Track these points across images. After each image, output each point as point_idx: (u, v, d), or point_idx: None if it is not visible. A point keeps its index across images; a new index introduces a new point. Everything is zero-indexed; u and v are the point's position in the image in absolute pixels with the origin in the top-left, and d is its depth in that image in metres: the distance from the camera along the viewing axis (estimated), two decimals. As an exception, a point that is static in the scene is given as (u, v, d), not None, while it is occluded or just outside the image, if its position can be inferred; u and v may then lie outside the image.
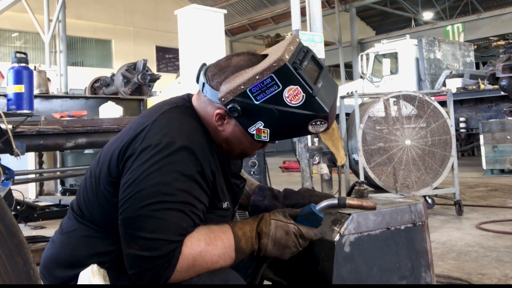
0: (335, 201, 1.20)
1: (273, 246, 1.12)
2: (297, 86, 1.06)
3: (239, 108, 1.10)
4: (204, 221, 1.11)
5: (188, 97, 1.26)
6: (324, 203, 1.20)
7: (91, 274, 1.09)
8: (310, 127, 1.10)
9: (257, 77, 1.07)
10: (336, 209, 1.26)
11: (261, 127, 1.11)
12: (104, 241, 1.16)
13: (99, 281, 1.08)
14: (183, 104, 1.22)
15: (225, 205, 1.21)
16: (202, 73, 1.20)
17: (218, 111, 1.15)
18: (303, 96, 1.07)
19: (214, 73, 1.17)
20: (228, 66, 1.16)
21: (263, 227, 1.12)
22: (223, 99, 1.11)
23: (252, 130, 1.12)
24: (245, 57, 1.17)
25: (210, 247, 1.07)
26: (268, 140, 1.14)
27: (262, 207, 1.41)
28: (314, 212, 1.17)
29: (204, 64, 1.23)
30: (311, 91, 1.07)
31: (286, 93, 1.07)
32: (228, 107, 1.11)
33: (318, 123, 1.09)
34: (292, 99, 1.07)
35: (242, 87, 1.09)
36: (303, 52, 1.13)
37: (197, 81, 1.21)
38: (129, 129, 1.17)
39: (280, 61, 1.06)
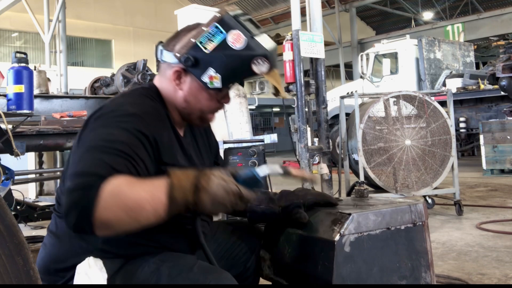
0: (280, 170, 1.24)
1: (211, 203, 1.07)
2: (238, 31, 1.22)
3: (192, 58, 1.23)
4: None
5: (149, 85, 1.37)
6: (266, 167, 1.23)
7: (88, 266, 1.10)
8: (253, 66, 1.22)
9: (203, 28, 1.23)
10: (284, 177, 1.29)
11: (213, 74, 1.24)
12: None
13: (95, 272, 1.09)
14: (143, 87, 1.34)
15: None
16: (159, 46, 1.34)
17: (175, 69, 1.28)
18: (244, 39, 1.21)
19: (168, 40, 1.33)
20: (180, 31, 1.33)
21: (203, 182, 1.07)
22: (177, 54, 1.26)
23: (205, 78, 1.25)
24: (194, 24, 1.32)
25: (137, 186, 1.03)
26: (220, 86, 1.25)
27: (258, 211, 1.42)
28: (254, 175, 1.19)
29: (159, 42, 1.36)
30: (250, 33, 1.22)
31: (229, 39, 1.22)
32: (183, 59, 1.25)
33: (260, 61, 1.22)
34: (235, 42, 1.21)
35: (192, 40, 1.24)
36: (242, 12, 1.29)
37: (156, 56, 1.34)
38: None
39: (221, 12, 1.24)
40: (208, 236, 1.44)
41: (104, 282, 1.09)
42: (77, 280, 1.11)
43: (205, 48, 1.23)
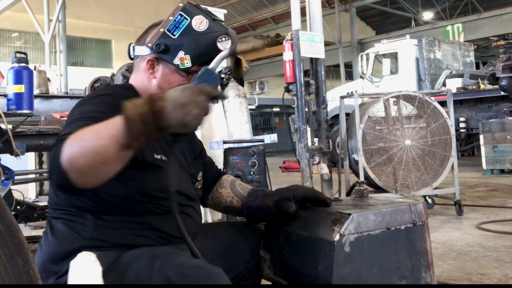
0: (226, 52, 1.29)
1: (173, 107, 0.98)
2: (201, 15, 1.34)
3: (163, 45, 1.33)
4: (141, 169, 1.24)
5: (125, 83, 1.48)
6: (216, 57, 1.28)
7: (81, 261, 1.10)
8: (218, 44, 1.32)
9: (170, 18, 1.34)
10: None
11: (183, 55, 1.33)
12: (75, 218, 1.26)
13: (89, 267, 1.09)
14: (119, 85, 1.48)
15: (158, 156, 1.31)
16: (130, 45, 1.43)
17: (147, 58, 1.37)
18: (206, 21, 1.34)
19: (139, 37, 1.44)
20: (148, 28, 1.44)
21: (156, 95, 1.02)
22: (149, 44, 1.35)
23: (176, 61, 1.33)
24: (160, 20, 1.41)
25: (93, 125, 1.03)
26: (190, 65, 1.33)
27: (253, 207, 1.46)
28: (208, 69, 1.22)
29: (130, 43, 1.46)
30: (212, 17, 1.35)
31: (194, 23, 1.34)
32: (154, 47, 1.34)
33: (224, 39, 1.32)
34: (199, 25, 1.34)
35: (161, 29, 1.34)
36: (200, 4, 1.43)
37: (129, 55, 1.42)
38: None
39: (183, 2, 1.36)
40: (202, 233, 1.45)
41: (99, 275, 1.08)
42: (71, 276, 1.11)
43: (173, 35, 1.33)
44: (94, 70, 15.05)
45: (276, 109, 23.90)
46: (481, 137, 7.51)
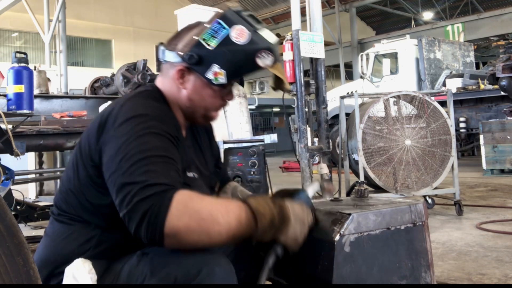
0: (318, 187, 1.29)
1: (295, 221, 1.07)
2: (241, 26, 1.21)
3: (196, 56, 1.22)
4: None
5: (152, 86, 1.34)
6: (311, 188, 1.27)
7: (76, 268, 1.09)
8: (258, 60, 1.21)
9: (206, 25, 1.23)
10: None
11: (217, 70, 1.22)
12: (83, 229, 1.20)
13: (83, 274, 1.08)
14: (146, 89, 1.31)
15: (190, 174, 1.26)
16: (160, 47, 1.32)
17: (178, 68, 1.26)
18: (248, 33, 1.21)
19: (170, 40, 1.32)
20: (181, 30, 1.31)
21: (278, 200, 1.08)
22: (180, 52, 1.24)
23: (210, 75, 1.23)
24: (196, 22, 1.31)
25: (208, 199, 1.03)
26: (225, 81, 1.23)
27: None
28: (309, 199, 1.22)
29: (160, 43, 1.35)
30: (253, 28, 1.21)
31: (233, 33, 1.20)
32: (186, 57, 1.23)
33: (264, 55, 1.21)
34: (239, 37, 1.20)
35: (195, 37, 1.23)
36: (243, 9, 1.28)
37: (157, 57, 1.34)
38: (98, 117, 1.22)
39: (223, 9, 1.24)
40: None
41: (93, 283, 1.08)
42: (65, 283, 1.10)
43: (209, 45, 1.21)
44: (94, 70, 15.04)
45: (276, 109, 23.89)
46: (481, 137, 7.51)
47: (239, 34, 1.21)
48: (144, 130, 1.11)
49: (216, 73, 1.23)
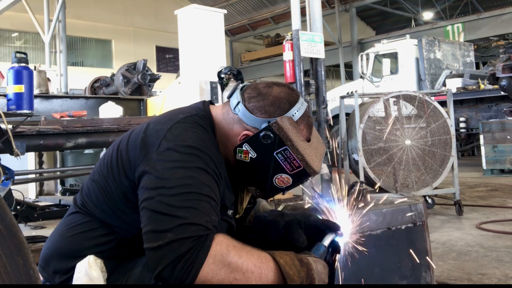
0: (334, 235, 1.22)
1: (317, 281, 1.09)
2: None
3: (271, 137, 1.15)
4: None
5: (204, 105, 1.26)
6: (327, 239, 1.22)
7: (88, 265, 1.09)
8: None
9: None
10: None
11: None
12: (103, 231, 1.18)
13: (95, 272, 1.08)
14: (197, 113, 1.22)
15: (229, 212, 1.22)
16: (238, 91, 1.23)
17: (246, 132, 1.19)
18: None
19: (251, 96, 1.22)
20: (268, 94, 1.21)
21: (303, 259, 1.09)
22: (258, 121, 1.18)
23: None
24: (286, 90, 1.23)
25: (246, 251, 1.03)
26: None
27: (262, 220, 1.36)
28: (326, 251, 1.21)
29: (240, 82, 1.27)
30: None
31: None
32: (261, 135, 1.16)
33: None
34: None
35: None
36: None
37: (229, 97, 1.25)
38: (140, 133, 1.17)
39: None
40: None
41: (104, 282, 1.08)
42: (76, 279, 1.10)
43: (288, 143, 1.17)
44: (94, 70, 15.04)
45: (276, 109, 23.85)
46: (481, 137, 7.51)
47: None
48: (192, 163, 1.07)
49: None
